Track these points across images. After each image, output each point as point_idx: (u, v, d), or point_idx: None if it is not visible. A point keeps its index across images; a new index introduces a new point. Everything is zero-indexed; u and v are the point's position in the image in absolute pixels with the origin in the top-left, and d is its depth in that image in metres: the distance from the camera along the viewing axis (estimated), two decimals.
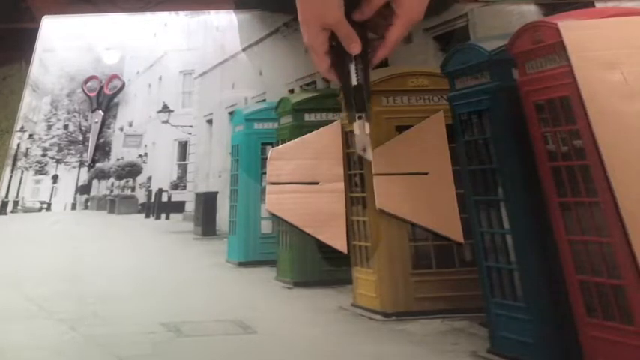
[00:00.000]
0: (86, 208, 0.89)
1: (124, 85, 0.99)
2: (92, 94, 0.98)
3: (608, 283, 0.67)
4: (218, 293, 0.77)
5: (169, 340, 0.72)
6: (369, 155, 0.75)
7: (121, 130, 0.97)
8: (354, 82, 0.73)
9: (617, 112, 0.75)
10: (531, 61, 0.80)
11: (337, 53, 0.75)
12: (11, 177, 0.91)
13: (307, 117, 0.88)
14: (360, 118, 0.73)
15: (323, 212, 0.80)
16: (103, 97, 0.97)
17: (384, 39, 0.75)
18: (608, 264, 0.67)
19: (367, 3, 0.73)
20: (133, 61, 1.03)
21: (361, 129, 0.73)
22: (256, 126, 0.90)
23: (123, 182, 0.91)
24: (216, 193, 0.88)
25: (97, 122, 0.95)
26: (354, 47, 0.73)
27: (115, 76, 0.99)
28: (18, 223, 0.87)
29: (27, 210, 0.89)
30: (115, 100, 0.99)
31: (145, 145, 0.95)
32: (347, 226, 0.80)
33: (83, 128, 0.98)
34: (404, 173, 0.78)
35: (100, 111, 0.96)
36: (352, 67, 0.74)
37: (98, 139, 0.96)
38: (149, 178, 0.92)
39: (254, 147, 0.89)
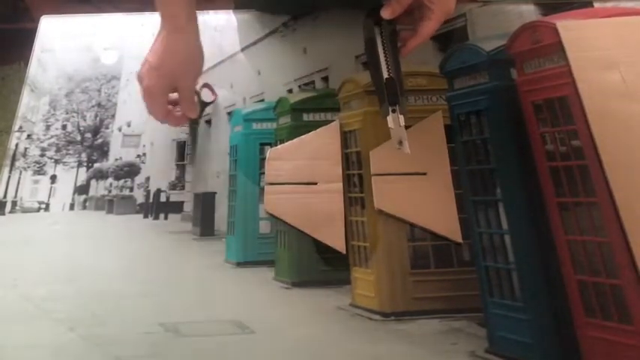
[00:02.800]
0: (84, 208, 0.89)
1: (215, 98, 0.97)
2: None
3: (606, 283, 0.67)
4: (216, 293, 0.77)
5: (168, 340, 0.71)
6: (406, 148, 0.72)
7: (120, 130, 0.97)
8: (386, 75, 0.72)
9: (615, 112, 0.75)
10: (530, 61, 0.80)
11: (368, 47, 0.74)
12: (9, 177, 0.91)
13: (306, 117, 0.88)
14: (394, 111, 0.71)
15: (321, 212, 0.80)
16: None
17: (417, 32, 0.75)
18: (606, 264, 0.67)
19: (396, 0, 0.73)
20: (132, 60, 1.02)
21: (395, 122, 0.71)
22: (255, 126, 0.90)
23: (121, 182, 0.91)
24: (215, 193, 0.88)
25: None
26: (192, 113, 0.81)
27: (205, 86, 0.98)
28: (16, 224, 0.87)
29: (25, 210, 0.89)
30: (113, 100, 0.99)
31: (144, 145, 0.95)
32: (345, 226, 0.79)
33: (81, 128, 0.98)
34: (402, 173, 0.78)
35: None
36: (382, 61, 0.73)
37: (96, 139, 0.96)
38: (147, 178, 0.92)
39: (252, 147, 0.89)
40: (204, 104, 0.93)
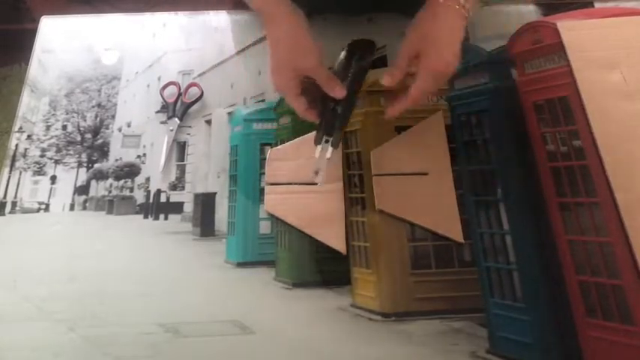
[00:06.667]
0: (84, 208, 0.89)
1: (202, 94, 0.98)
2: (170, 101, 0.97)
3: (607, 283, 0.66)
4: (216, 294, 0.77)
5: (167, 340, 0.71)
6: (320, 180, 0.71)
7: (120, 130, 0.96)
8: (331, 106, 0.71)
9: (616, 112, 0.75)
10: (530, 61, 0.80)
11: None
12: (9, 177, 0.91)
13: None
14: (326, 141, 0.70)
15: (322, 212, 0.80)
16: (181, 104, 0.97)
17: (408, 92, 0.70)
18: (607, 264, 0.67)
19: (395, 65, 0.71)
20: (132, 61, 1.02)
21: (322, 152, 0.70)
22: (255, 126, 0.90)
23: (121, 183, 0.91)
24: (215, 193, 0.88)
25: (172, 130, 0.95)
26: (338, 91, 0.70)
27: (193, 85, 0.99)
28: (16, 224, 0.87)
29: (25, 211, 0.89)
30: (113, 100, 0.99)
31: (144, 146, 0.95)
32: (346, 226, 0.79)
33: (82, 129, 0.98)
34: (403, 173, 0.78)
35: (177, 119, 0.95)
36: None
37: (96, 139, 0.96)
38: (147, 179, 0.92)
39: (253, 147, 0.88)
40: (190, 103, 0.96)
